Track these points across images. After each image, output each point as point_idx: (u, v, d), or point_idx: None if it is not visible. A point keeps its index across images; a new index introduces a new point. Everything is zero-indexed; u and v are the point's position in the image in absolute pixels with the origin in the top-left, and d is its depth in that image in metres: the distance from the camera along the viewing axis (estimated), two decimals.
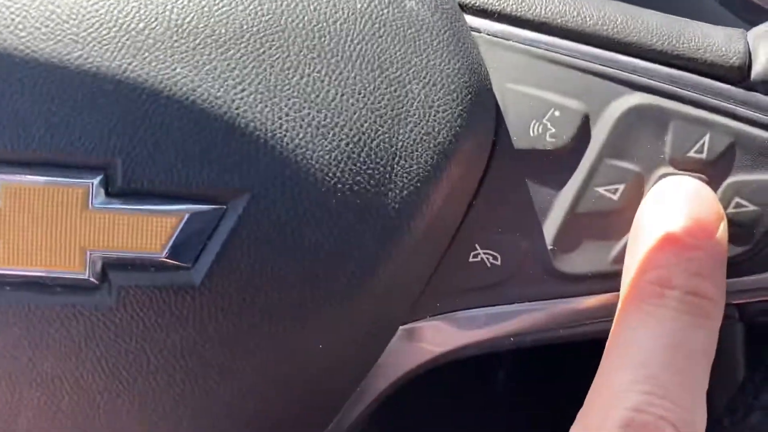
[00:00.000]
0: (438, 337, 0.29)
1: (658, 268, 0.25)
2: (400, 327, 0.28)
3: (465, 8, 0.28)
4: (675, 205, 0.26)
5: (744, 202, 0.27)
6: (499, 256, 0.28)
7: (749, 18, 0.48)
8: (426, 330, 0.29)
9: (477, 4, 0.28)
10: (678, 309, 0.25)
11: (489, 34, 0.28)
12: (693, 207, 0.26)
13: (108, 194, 0.24)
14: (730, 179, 0.27)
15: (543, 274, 0.28)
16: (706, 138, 0.27)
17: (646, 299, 0.25)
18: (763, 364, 0.31)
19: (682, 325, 0.25)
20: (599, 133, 0.27)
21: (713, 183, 0.27)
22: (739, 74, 0.27)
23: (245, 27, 0.25)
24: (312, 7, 0.25)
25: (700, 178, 0.27)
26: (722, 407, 0.32)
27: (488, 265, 0.28)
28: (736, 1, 0.49)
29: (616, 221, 0.27)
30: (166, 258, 0.24)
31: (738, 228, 0.27)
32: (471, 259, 0.28)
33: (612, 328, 0.26)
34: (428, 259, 0.27)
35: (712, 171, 0.27)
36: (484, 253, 0.28)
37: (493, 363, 0.44)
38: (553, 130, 0.27)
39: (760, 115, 0.27)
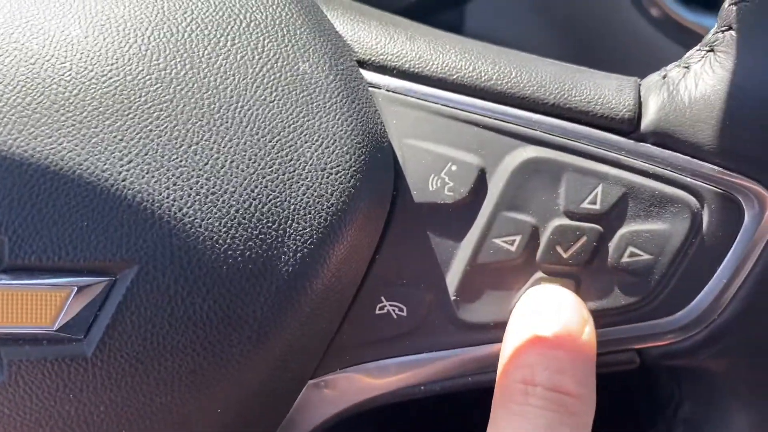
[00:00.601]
0: (349, 388, 0.29)
1: (522, 367, 0.26)
2: (309, 380, 0.29)
3: (364, 65, 0.29)
4: (542, 312, 0.27)
5: (638, 251, 0.27)
6: (405, 308, 0.28)
7: (684, 41, 0.49)
8: (337, 381, 0.29)
9: (376, 62, 0.29)
10: (541, 406, 0.26)
11: (388, 90, 0.28)
12: (559, 312, 0.27)
13: None
14: (624, 229, 0.28)
15: (448, 323, 0.28)
16: (599, 189, 0.27)
17: (513, 398, 0.26)
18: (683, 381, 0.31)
19: (545, 422, 0.25)
20: (495, 187, 0.28)
21: (607, 233, 0.28)
22: (629, 126, 0.28)
23: (133, 98, 0.25)
24: (202, 75, 0.26)
25: (594, 229, 0.27)
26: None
27: (395, 316, 0.28)
28: (671, 24, 0.50)
29: (514, 271, 0.28)
30: (57, 331, 0.24)
31: (632, 277, 0.28)
32: (377, 311, 0.28)
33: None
34: (331, 315, 0.28)
35: (606, 221, 0.27)
36: (390, 305, 0.28)
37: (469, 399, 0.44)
38: (451, 184, 0.28)
39: (651, 166, 0.28)
